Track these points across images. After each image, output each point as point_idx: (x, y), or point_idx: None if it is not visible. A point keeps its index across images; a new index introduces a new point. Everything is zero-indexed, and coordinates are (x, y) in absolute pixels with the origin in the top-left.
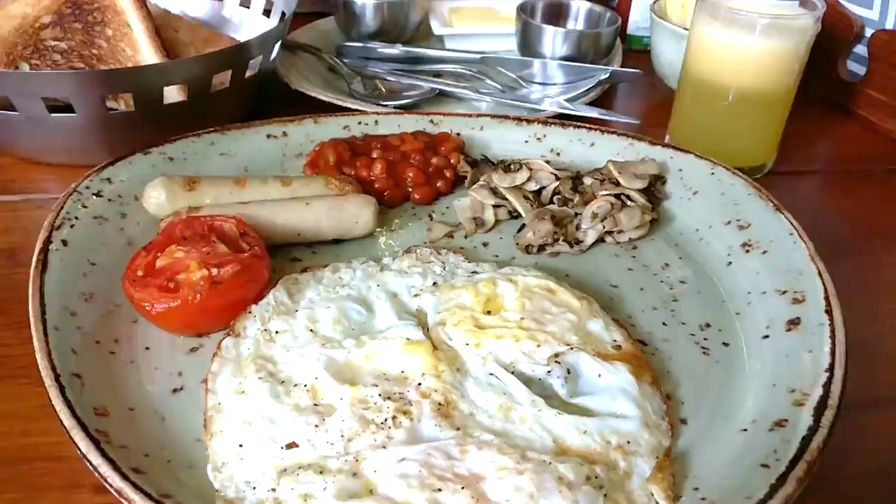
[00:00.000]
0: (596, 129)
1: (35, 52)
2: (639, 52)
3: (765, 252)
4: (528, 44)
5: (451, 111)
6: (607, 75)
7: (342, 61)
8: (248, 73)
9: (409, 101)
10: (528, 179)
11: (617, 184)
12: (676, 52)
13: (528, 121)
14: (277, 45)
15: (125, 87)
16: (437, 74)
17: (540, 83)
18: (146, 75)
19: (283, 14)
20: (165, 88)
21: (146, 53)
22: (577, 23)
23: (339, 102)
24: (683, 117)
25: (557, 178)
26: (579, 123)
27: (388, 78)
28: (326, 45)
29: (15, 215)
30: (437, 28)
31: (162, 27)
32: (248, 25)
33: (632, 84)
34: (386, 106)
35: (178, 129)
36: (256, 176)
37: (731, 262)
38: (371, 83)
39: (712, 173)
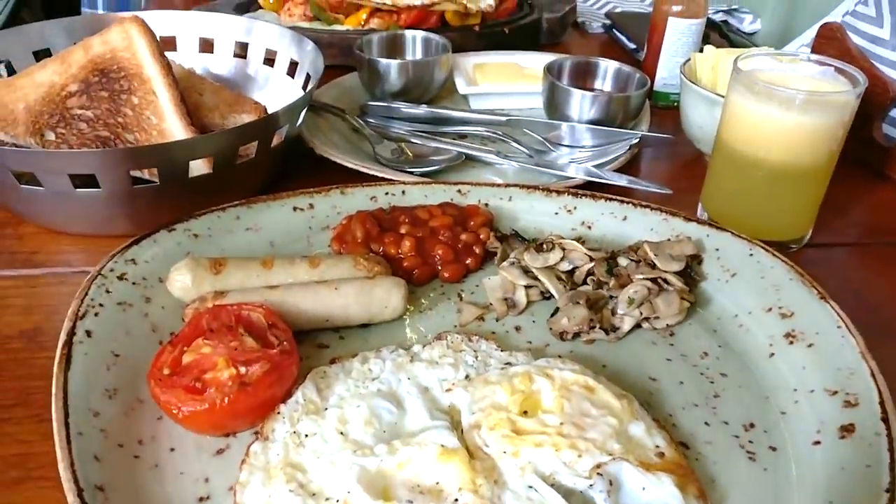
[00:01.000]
0: (628, 203)
1: (61, 121)
2: (665, 109)
3: (810, 345)
4: (555, 105)
5: (477, 179)
6: (637, 140)
7: (366, 121)
8: (274, 143)
9: (435, 167)
10: (561, 259)
11: (653, 266)
12: (707, 117)
13: (558, 192)
14: (304, 112)
15: (151, 162)
16: (462, 135)
17: (568, 145)
18: (172, 151)
19: (308, 76)
20: (191, 162)
21: (171, 121)
22: (604, 82)
23: (365, 170)
24: (717, 187)
25: (591, 259)
26: (610, 196)
27: (413, 140)
28: (350, 104)
29: (37, 292)
30: (462, 87)
31: (186, 90)
32: (273, 85)
33: (660, 144)
34: (412, 173)
35: (203, 200)
36: (283, 256)
37: (773, 354)
38: (396, 147)
39: (751, 254)
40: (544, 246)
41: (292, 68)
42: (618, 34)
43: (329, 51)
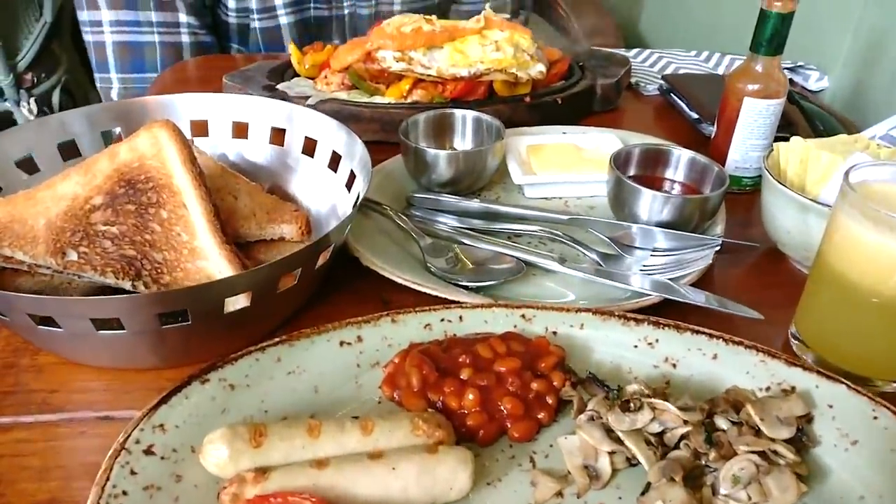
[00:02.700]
0: (718, 338)
1: (84, 238)
2: (737, 194)
3: None
4: (622, 203)
5: (537, 288)
6: (718, 248)
7: (412, 213)
8: (318, 264)
9: (494, 282)
10: (651, 420)
11: (758, 431)
12: (797, 222)
13: (637, 320)
14: (350, 224)
15: (182, 305)
16: (518, 234)
17: (638, 247)
18: (206, 293)
19: (352, 173)
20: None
21: (203, 239)
22: (676, 171)
23: (417, 287)
24: (817, 314)
25: (685, 422)
26: (697, 328)
27: (465, 242)
28: (394, 191)
29: (54, 446)
30: (517, 176)
31: (220, 191)
32: (313, 178)
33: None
34: (468, 288)
35: (239, 333)
36: (330, 419)
37: None
38: (451, 255)
39: (875, 417)
40: (631, 405)
41: (334, 160)
42: (676, 99)
43: (370, 126)
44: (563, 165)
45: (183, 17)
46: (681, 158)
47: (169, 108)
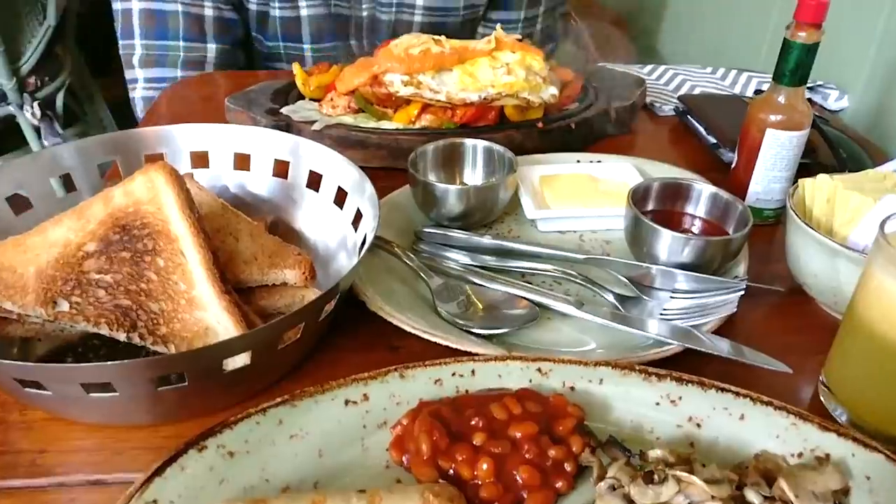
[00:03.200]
0: (745, 397)
1: (77, 287)
2: (759, 226)
3: None
4: (640, 242)
5: (552, 334)
6: (742, 292)
7: (420, 248)
8: (323, 315)
9: (507, 329)
10: (677, 493)
11: None
12: (825, 267)
13: (659, 376)
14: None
15: (179, 369)
16: (531, 273)
17: (657, 288)
18: (205, 357)
19: (359, 212)
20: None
21: (202, 288)
22: (697, 206)
23: (427, 336)
24: (849, 367)
25: (713, 497)
26: (723, 386)
27: (477, 281)
28: (402, 224)
29: None
30: (529, 210)
31: (220, 232)
32: (317, 213)
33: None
34: (480, 335)
35: (238, 390)
36: (335, 491)
37: None
38: (460, 294)
39: None
40: (654, 476)
41: (341, 195)
42: (693, 122)
43: (377, 152)
44: (578, 198)
45: None
46: (702, 194)
47: (167, 139)
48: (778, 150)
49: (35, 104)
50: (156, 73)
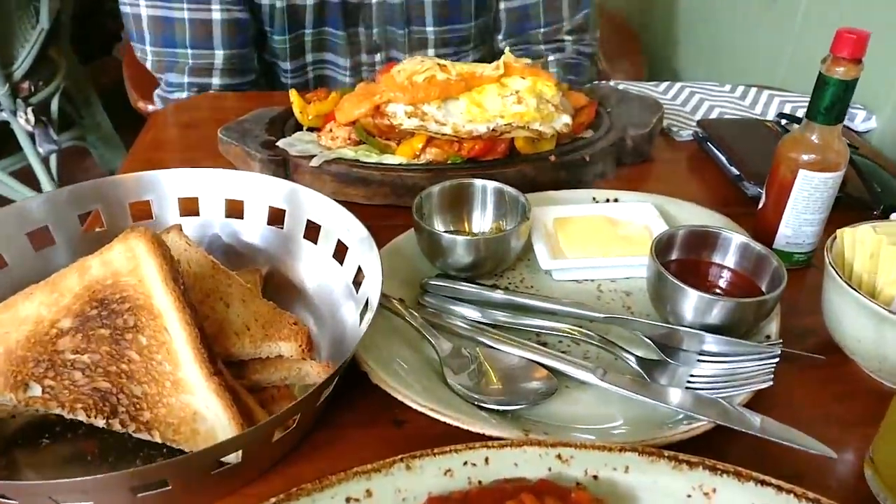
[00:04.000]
0: (788, 492)
1: (50, 369)
2: (788, 270)
3: None
4: (663, 300)
5: (569, 404)
6: (777, 360)
7: (426, 300)
8: (321, 399)
9: (523, 405)
10: None
11: None
12: (870, 332)
13: (690, 463)
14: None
15: (163, 476)
16: (546, 332)
17: (684, 349)
18: (192, 463)
19: (360, 269)
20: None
21: (188, 370)
22: (726, 257)
23: (435, 415)
24: None
25: None
26: (763, 478)
27: (488, 342)
28: (407, 273)
29: None
30: (544, 260)
31: (209, 296)
32: (315, 267)
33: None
34: (495, 410)
35: (227, 484)
36: None
37: None
38: (471, 363)
39: None
40: None
41: (341, 248)
42: (713, 150)
43: (380, 190)
44: (596, 243)
45: None
46: (731, 242)
47: (153, 184)
48: (811, 192)
49: (29, 110)
50: (168, 77)
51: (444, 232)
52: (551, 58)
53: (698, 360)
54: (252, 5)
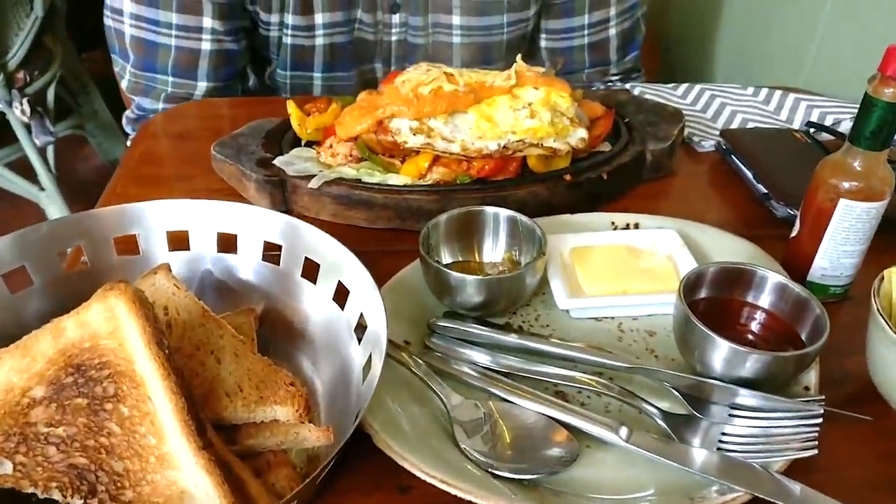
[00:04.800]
0: None
1: (22, 444)
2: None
3: None
4: (691, 347)
5: (591, 466)
6: (820, 419)
7: (433, 341)
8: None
9: (542, 474)
10: None
11: None
12: None
13: None
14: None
15: None
16: (563, 380)
17: (714, 402)
18: None
19: (362, 316)
20: None
21: (174, 442)
22: (760, 296)
23: (446, 488)
24: None
25: None
26: None
27: (501, 395)
28: (413, 311)
29: None
30: (561, 299)
31: (199, 349)
32: (314, 308)
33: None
34: (511, 479)
35: None
36: None
37: None
38: (485, 423)
39: None
40: None
41: (342, 288)
42: (738, 164)
43: (383, 213)
44: (616, 277)
45: (207, 22)
46: (767, 282)
47: (139, 218)
48: (852, 222)
49: (24, 101)
50: (141, 101)
51: (453, 262)
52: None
53: (730, 415)
54: (253, 36)
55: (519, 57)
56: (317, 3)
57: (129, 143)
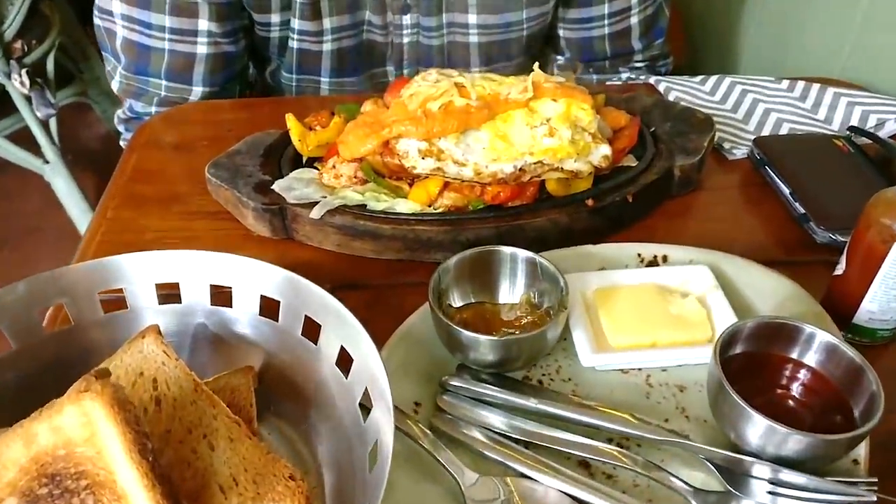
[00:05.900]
0: None
1: None
2: (867, 347)
3: None
4: (726, 416)
5: None
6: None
7: (445, 399)
8: None
9: None
10: None
11: None
12: None
13: None
14: None
15: None
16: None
17: (753, 476)
18: None
19: (366, 396)
20: None
21: None
22: (806, 354)
23: None
24: None
25: None
26: None
27: (520, 469)
28: (424, 366)
29: None
30: (585, 355)
31: (190, 434)
32: (314, 368)
33: None
34: None
35: None
36: None
37: None
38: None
39: None
40: None
41: (344, 353)
42: (775, 178)
43: (391, 244)
44: (644, 325)
45: (203, 24)
46: (814, 340)
47: (125, 272)
48: None
49: (23, 72)
50: (133, 103)
51: (466, 305)
52: (617, 79)
53: (770, 492)
54: (253, 37)
55: (536, 65)
56: (324, 8)
57: (122, 144)
